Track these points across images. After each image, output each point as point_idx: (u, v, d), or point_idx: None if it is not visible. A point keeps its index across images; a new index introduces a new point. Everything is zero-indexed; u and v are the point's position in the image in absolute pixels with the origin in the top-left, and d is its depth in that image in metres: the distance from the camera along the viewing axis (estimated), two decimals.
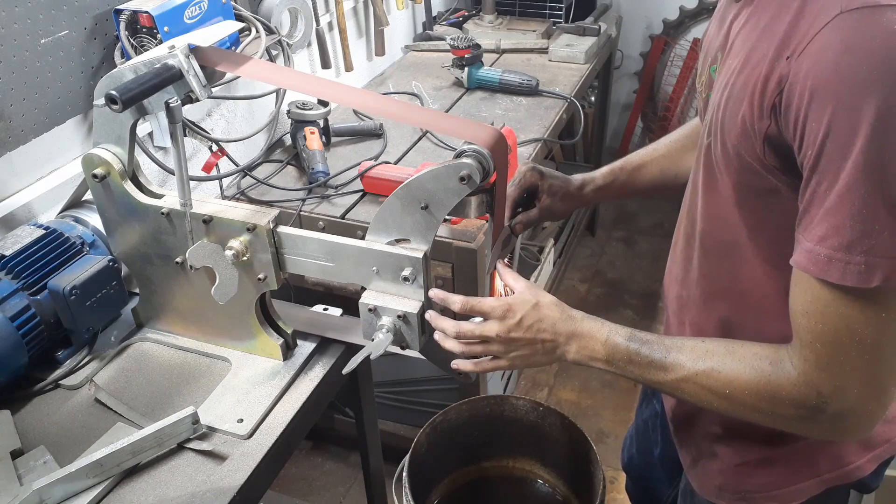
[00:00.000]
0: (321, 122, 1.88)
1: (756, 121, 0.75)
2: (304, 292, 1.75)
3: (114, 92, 0.95)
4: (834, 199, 0.69)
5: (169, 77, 1.00)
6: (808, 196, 0.72)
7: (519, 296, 0.95)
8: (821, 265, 0.71)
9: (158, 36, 1.44)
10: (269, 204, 1.71)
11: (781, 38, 0.72)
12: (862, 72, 0.65)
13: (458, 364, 1.00)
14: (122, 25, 1.45)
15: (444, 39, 2.51)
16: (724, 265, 0.92)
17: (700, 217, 0.94)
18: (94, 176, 1.10)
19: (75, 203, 1.32)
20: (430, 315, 0.99)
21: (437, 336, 0.99)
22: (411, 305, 1.00)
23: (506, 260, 1.10)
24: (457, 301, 0.96)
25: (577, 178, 1.21)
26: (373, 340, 1.01)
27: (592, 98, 3.12)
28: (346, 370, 1.01)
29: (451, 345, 0.97)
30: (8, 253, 1.15)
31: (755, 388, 0.80)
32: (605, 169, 1.23)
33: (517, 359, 0.95)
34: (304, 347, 1.22)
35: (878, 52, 0.65)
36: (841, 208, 0.68)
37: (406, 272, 0.99)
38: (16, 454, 1.03)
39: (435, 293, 0.99)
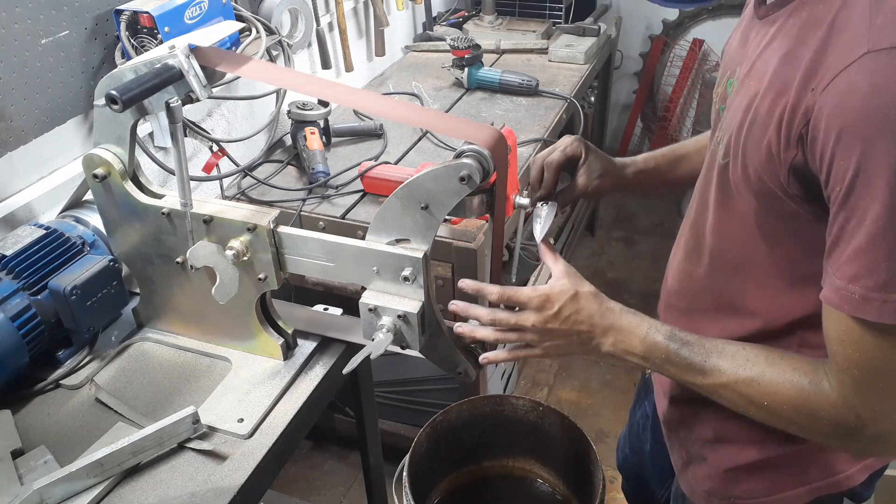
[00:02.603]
0: (321, 123, 1.88)
1: (782, 150, 0.76)
2: (304, 292, 1.75)
3: (114, 92, 0.95)
4: (865, 240, 0.69)
5: (169, 77, 1.00)
6: (836, 231, 0.73)
7: (558, 284, 0.93)
8: (856, 304, 0.72)
9: (159, 36, 1.45)
10: (270, 204, 1.71)
11: (807, 66, 0.72)
12: (891, 115, 0.65)
13: (488, 356, 1.00)
14: (123, 26, 1.45)
15: (444, 40, 2.51)
16: (733, 282, 0.93)
17: (710, 234, 0.94)
18: (95, 176, 1.10)
19: (76, 203, 1.32)
20: (460, 305, 0.97)
21: (462, 328, 0.98)
22: (411, 305, 1.00)
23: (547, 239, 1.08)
24: (493, 291, 0.95)
25: (619, 159, 1.20)
26: (373, 340, 1.01)
27: (592, 98, 3.11)
28: (346, 370, 1.01)
29: (483, 333, 0.96)
30: (9, 253, 1.15)
31: (794, 404, 0.81)
32: (645, 154, 1.22)
33: (552, 348, 0.94)
34: (305, 347, 1.22)
35: None
36: (874, 249, 0.69)
37: (406, 272, 0.99)
38: (16, 454, 1.03)
39: (466, 283, 0.97)
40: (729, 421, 0.98)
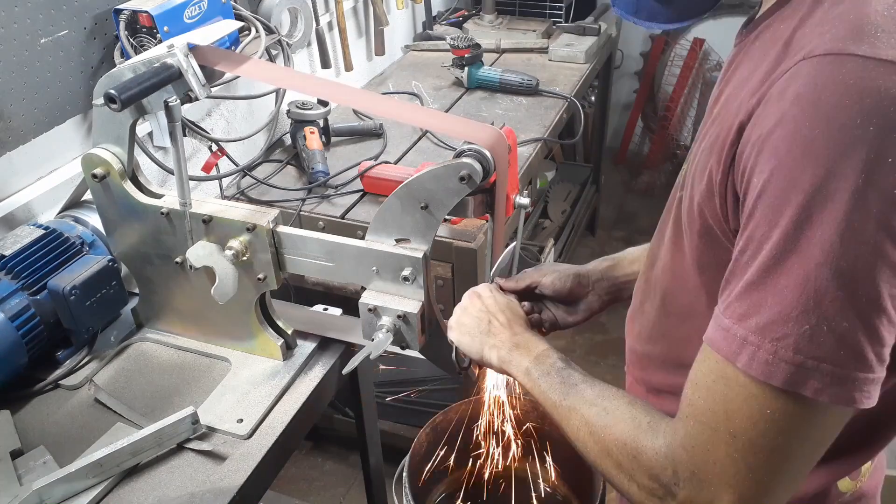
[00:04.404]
0: (321, 122, 1.88)
1: (720, 175, 0.66)
2: (303, 292, 1.75)
3: (113, 91, 0.95)
4: (757, 273, 0.60)
5: (168, 76, 1.00)
6: (731, 265, 0.64)
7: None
8: (734, 346, 0.61)
9: (158, 35, 1.44)
10: (269, 204, 1.71)
11: (757, 86, 0.64)
12: (804, 129, 0.57)
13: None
14: (122, 25, 1.44)
15: (444, 39, 2.51)
16: (681, 330, 0.84)
17: (663, 274, 0.86)
18: (94, 176, 1.10)
19: (75, 203, 1.32)
20: None
21: None
22: (411, 305, 1.00)
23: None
24: None
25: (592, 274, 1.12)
26: (373, 340, 1.01)
27: (592, 98, 3.12)
28: (346, 370, 1.01)
29: None
30: (8, 253, 1.15)
31: (623, 441, 0.73)
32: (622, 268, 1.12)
33: (456, 323, 0.97)
34: (304, 347, 1.22)
35: (826, 108, 0.56)
36: (765, 283, 0.59)
37: (406, 272, 0.99)
38: (16, 454, 1.03)
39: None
40: None
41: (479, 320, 0.94)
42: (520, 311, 0.97)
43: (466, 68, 2.23)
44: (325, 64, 2.11)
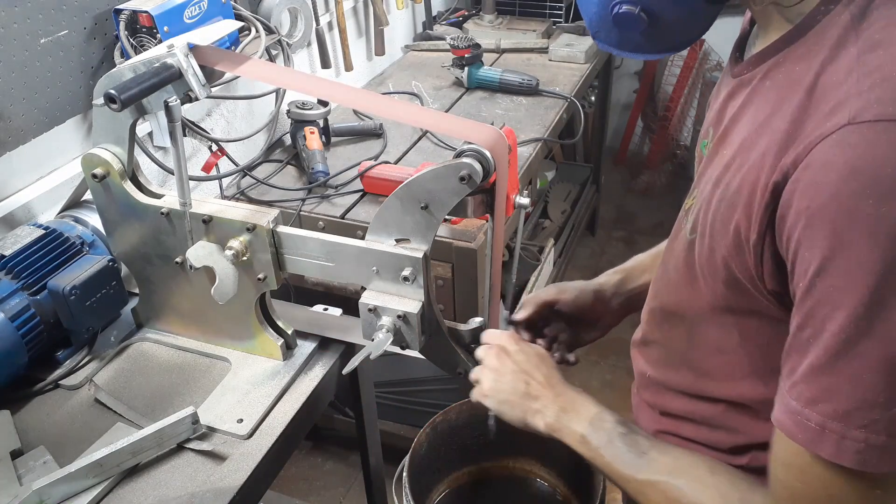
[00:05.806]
0: (321, 122, 1.88)
1: (752, 235, 0.64)
2: (304, 292, 1.75)
3: (113, 91, 0.95)
4: (826, 356, 0.58)
5: (168, 76, 0.99)
6: (790, 339, 0.62)
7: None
8: (812, 434, 0.60)
9: (158, 35, 1.44)
10: (269, 204, 1.71)
11: (783, 137, 0.61)
12: (867, 205, 0.54)
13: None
14: (122, 25, 1.44)
15: (443, 39, 2.51)
16: (709, 364, 0.83)
17: (679, 309, 0.84)
18: (94, 176, 1.10)
19: (75, 203, 1.32)
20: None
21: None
22: (411, 305, 1.00)
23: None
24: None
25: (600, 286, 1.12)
26: (373, 340, 1.01)
27: (592, 98, 3.11)
28: (346, 370, 1.01)
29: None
30: (8, 253, 1.15)
31: None
32: (623, 281, 1.11)
33: (492, 390, 0.93)
34: (304, 347, 1.22)
35: (889, 184, 0.53)
36: (837, 368, 0.57)
37: (406, 272, 0.99)
38: (15, 454, 1.03)
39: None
40: None
41: (516, 382, 0.90)
42: (551, 361, 0.93)
43: (466, 68, 2.23)
44: (325, 64, 2.11)
